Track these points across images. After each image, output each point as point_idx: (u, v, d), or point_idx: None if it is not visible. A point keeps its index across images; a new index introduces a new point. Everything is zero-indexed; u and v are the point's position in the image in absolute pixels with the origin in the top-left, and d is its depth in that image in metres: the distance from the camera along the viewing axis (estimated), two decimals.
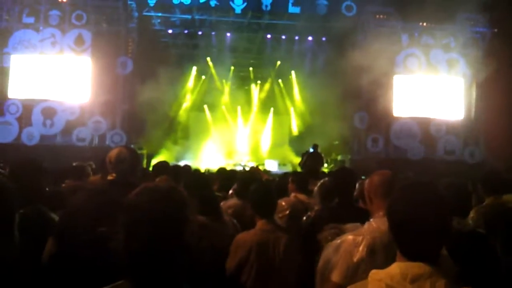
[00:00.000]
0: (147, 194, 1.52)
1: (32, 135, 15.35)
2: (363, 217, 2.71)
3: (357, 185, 3.48)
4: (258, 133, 20.44)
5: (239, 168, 15.71)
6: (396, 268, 1.50)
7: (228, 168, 8.63)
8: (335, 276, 2.38)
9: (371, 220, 2.44)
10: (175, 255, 1.49)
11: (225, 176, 5.83)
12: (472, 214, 3.95)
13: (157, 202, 1.49)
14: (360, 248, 2.31)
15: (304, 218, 3.89)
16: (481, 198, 4.45)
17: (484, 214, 3.84)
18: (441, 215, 1.52)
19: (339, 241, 2.53)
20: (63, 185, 4.83)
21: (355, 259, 2.29)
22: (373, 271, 1.54)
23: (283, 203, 4.41)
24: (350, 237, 2.41)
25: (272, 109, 20.90)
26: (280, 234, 3.10)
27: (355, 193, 3.48)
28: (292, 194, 4.79)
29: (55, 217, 3.08)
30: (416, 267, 1.46)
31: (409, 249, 1.52)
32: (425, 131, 16.53)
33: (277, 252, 3.03)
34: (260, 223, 3.16)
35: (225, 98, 20.46)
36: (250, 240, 3.07)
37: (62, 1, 15.95)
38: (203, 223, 3.23)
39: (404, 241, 1.53)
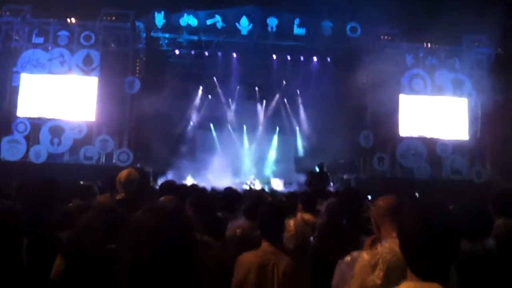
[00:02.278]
0: (152, 213, 1.52)
1: (40, 153, 15.47)
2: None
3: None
4: (263, 152, 20.45)
5: (245, 186, 15.71)
6: (405, 287, 1.50)
7: (234, 187, 8.62)
8: None
9: (383, 242, 2.45)
10: (182, 274, 1.47)
11: (229, 197, 5.83)
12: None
13: (162, 221, 1.48)
14: (376, 272, 2.30)
15: (312, 238, 3.90)
16: (492, 219, 4.41)
17: (495, 235, 3.84)
18: (450, 233, 1.54)
19: (353, 257, 2.54)
20: (70, 204, 4.87)
21: (370, 284, 2.29)
22: None
23: (291, 223, 4.41)
24: (366, 256, 2.41)
25: (277, 128, 20.96)
26: (283, 256, 3.06)
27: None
28: (300, 215, 4.79)
29: (63, 237, 3.12)
30: (426, 287, 1.47)
31: (418, 266, 1.53)
32: (431, 150, 16.53)
33: (276, 274, 2.99)
34: (264, 245, 3.14)
35: (231, 117, 20.56)
36: (250, 261, 3.05)
37: (71, 22, 16.24)
38: (208, 242, 3.24)
39: (413, 258, 1.55)
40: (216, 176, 16.89)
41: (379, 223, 2.55)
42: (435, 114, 16.87)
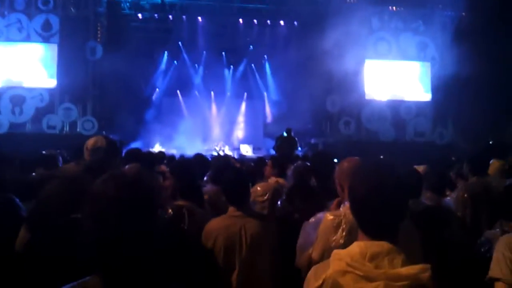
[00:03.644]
0: (112, 181, 1.47)
1: (1, 123, 14.96)
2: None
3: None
4: (232, 118, 20.42)
5: (213, 152, 15.73)
6: (356, 247, 1.54)
7: (203, 153, 8.61)
8: (314, 254, 2.48)
9: (347, 202, 2.51)
10: (146, 244, 1.44)
11: (199, 164, 5.83)
12: (459, 190, 4.42)
13: (123, 189, 1.44)
14: (339, 232, 2.37)
15: (279, 201, 3.95)
16: (466, 177, 4.76)
17: (469, 191, 4.27)
18: (398, 193, 1.57)
19: (317, 218, 2.59)
20: (33, 174, 4.77)
21: (332, 244, 2.35)
22: (335, 251, 1.59)
23: (259, 188, 4.45)
24: (330, 217, 2.46)
25: (245, 93, 20.88)
26: (249, 219, 3.11)
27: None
28: (273, 179, 4.83)
29: (26, 208, 3.07)
30: (375, 246, 1.51)
31: (368, 226, 1.57)
32: (395, 114, 16.87)
33: (244, 237, 3.04)
34: (231, 210, 3.19)
35: (198, 82, 20.31)
36: (217, 227, 3.09)
37: None
38: (189, 208, 3.25)
39: (363, 218, 1.59)
40: (184, 143, 16.82)
41: (343, 184, 2.60)
42: (400, 77, 17.12)
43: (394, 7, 17.01)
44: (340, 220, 2.41)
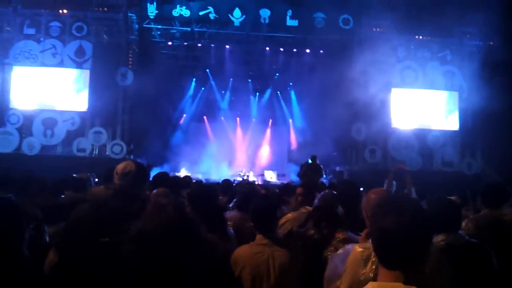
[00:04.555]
0: (157, 215, 1.53)
1: (33, 145, 15.40)
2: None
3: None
4: (257, 144, 20.50)
5: (238, 178, 15.76)
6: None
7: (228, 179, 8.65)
8: (342, 287, 2.42)
9: None
10: (190, 276, 1.49)
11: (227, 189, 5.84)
12: (467, 223, 4.04)
13: (166, 223, 1.50)
14: (368, 265, 2.32)
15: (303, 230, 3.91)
16: (479, 210, 4.52)
17: (478, 225, 3.92)
18: (422, 228, 1.58)
19: (346, 250, 2.55)
20: (63, 196, 4.87)
21: (362, 277, 2.30)
22: None
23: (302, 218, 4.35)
24: (359, 249, 2.42)
25: (270, 120, 21.00)
26: (277, 248, 3.08)
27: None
28: (306, 208, 4.71)
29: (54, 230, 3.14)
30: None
31: (386, 258, 1.58)
32: (422, 143, 16.65)
33: (272, 266, 3.01)
34: (258, 237, 3.17)
35: (225, 108, 20.56)
36: (245, 255, 3.07)
37: (63, 13, 16.10)
38: (214, 242, 3.21)
39: (383, 251, 1.60)
40: (210, 168, 16.94)
41: (370, 216, 2.57)
42: (427, 106, 16.96)
43: (420, 36, 16.99)
44: (369, 253, 2.34)
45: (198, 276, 1.51)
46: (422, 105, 16.91)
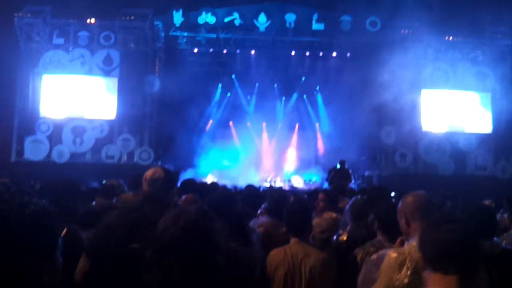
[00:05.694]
0: (175, 222, 1.53)
1: (62, 153, 15.70)
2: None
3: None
4: (283, 149, 20.37)
5: (265, 183, 15.68)
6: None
7: (254, 184, 8.57)
8: None
9: (411, 240, 2.38)
10: (209, 283, 1.47)
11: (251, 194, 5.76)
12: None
13: (185, 230, 1.50)
14: (403, 271, 2.26)
15: (335, 236, 3.83)
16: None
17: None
18: (476, 233, 1.67)
19: (380, 255, 2.48)
20: (93, 203, 4.89)
21: (396, 283, 2.25)
22: None
23: (323, 224, 4.31)
24: (393, 254, 2.35)
25: (297, 124, 20.84)
26: (310, 252, 3.10)
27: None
28: (329, 213, 4.69)
29: (86, 237, 3.11)
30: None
31: (446, 266, 1.62)
32: (454, 146, 16.22)
33: (304, 270, 3.03)
34: (293, 241, 3.18)
35: (251, 114, 20.52)
36: (279, 257, 3.09)
37: (90, 23, 16.42)
38: (234, 250, 3.16)
39: (441, 259, 1.64)
40: (237, 173, 16.91)
41: (409, 218, 2.48)
42: (458, 108, 16.56)
43: (450, 37, 16.61)
44: (404, 258, 2.29)
45: (215, 283, 1.51)
46: (454, 107, 16.53)
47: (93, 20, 16.42)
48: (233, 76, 19.91)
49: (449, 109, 16.51)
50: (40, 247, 1.85)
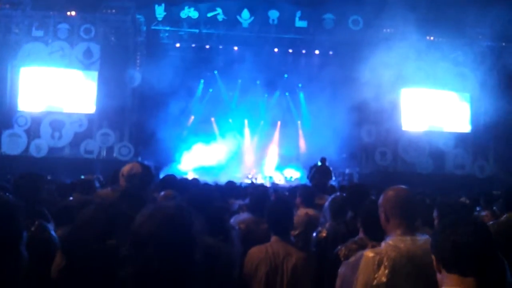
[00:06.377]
0: (153, 217, 1.51)
1: (40, 147, 15.41)
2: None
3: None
4: (265, 146, 20.37)
5: (246, 180, 15.68)
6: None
7: (235, 180, 8.56)
8: None
9: (388, 239, 2.39)
10: (186, 277, 1.46)
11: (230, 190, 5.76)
12: None
13: (162, 225, 1.49)
14: (381, 270, 2.28)
15: (315, 233, 3.82)
16: (499, 214, 4.35)
17: (498, 231, 3.74)
18: (490, 233, 1.71)
19: (357, 257, 2.48)
20: (71, 198, 4.81)
21: (374, 282, 2.26)
22: None
23: (299, 220, 4.32)
24: (370, 254, 2.36)
25: (279, 122, 20.86)
26: (292, 251, 3.08)
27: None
28: (303, 210, 4.70)
29: (62, 233, 3.06)
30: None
31: (464, 268, 1.67)
32: (433, 145, 16.43)
33: (285, 269, 3.02)
34: (274, 239, 3.16)
35: (233, 110, 20.46)
36: (260, 255, 3.06)
37: (71, 15, 16.13)
38: (212, 246, 3.14)
39: (458, 261, 1.68)
40: (218, 170, 16.85)
41: (388, 213, 2.46)
42: (438, 107, 16.77)
43: (431, 37, 16.79)
44: (381, 258, 2.31)
45: (193, 277, 1.51)
46: (433, 107, 16.74)
47: (73, 13, 16.12)
48: (216, 72, 19.81)
49: (429, 108, 16.73)
50: (1, 238, 1.82)
